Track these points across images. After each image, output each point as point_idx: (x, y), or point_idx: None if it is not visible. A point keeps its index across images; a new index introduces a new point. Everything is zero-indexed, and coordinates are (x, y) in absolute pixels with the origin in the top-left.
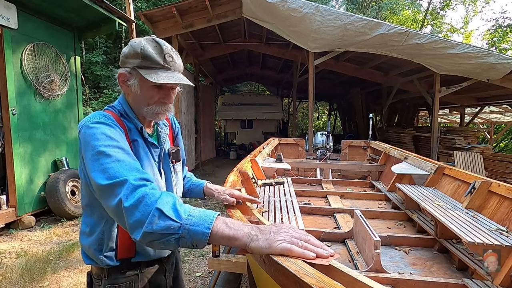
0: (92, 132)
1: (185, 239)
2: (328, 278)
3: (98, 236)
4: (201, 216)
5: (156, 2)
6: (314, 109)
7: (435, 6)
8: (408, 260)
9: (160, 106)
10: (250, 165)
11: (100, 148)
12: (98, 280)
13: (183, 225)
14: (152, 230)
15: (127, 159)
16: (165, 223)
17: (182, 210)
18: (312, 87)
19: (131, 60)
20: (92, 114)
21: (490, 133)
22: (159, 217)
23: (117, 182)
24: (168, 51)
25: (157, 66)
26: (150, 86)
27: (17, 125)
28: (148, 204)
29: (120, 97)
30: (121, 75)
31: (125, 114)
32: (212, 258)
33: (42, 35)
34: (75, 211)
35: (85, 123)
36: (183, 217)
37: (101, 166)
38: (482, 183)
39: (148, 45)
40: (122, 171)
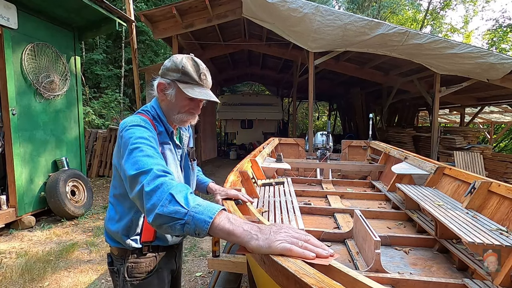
0: (132, 132)
1: (189, 225)
2: (328, 278)
3: (127, 223)
4: (207, 207)
5: (156, 2)
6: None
7: (435, 6)
8: (408, 260)
9: (188, 115)
10: (250, 165)
11: (135, 144)
12: (121, 260)
13: (189, 212)
14: (163, 212)
15: (156, 155)
16: (174, 207)
17: (192, 199)
18: (312, 87)
19: (171, 73)
20: (133, 117)
21: (490, 133)
22: (170, 201)
23: (143, 171)
24: (203, 70)
25: (194, 82)
26: (184, 98)
27: (17, 125)
28: (164, 190)
29: (154, 102)
30: (161, 84)
31: (157, 117)
32: (212, 258)
33: (42, 35)
34: (75, 211)
35: (127, 125)
36: (191, 205)
37: (133, 159)
38: (482, 183)
39: (188, 63)
40: (149, 163)
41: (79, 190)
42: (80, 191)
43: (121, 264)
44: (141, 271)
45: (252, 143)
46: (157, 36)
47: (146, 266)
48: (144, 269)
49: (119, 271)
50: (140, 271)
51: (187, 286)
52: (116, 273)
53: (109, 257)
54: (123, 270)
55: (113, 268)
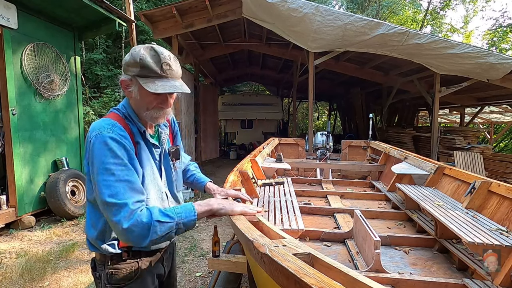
0: (101, 146)
1: (180, 229)
2: (328, 278)
3: (101, 227)
4: (185, 210)
5: (156, 2)
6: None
7: (435, 6)
8: (408, 260)
9: (158, 111)
10: (250, 165)
11: (106, 165)
12: (101, 266)
13: (177, 221)
14: (157, 236)
15: (129, 177)
16: (165, 227)
17: (170, 212)
18: (312, 87)
19: (131, 68)
20: (102, 124)
21: (490, 133)
22: (160, 225)
23: (118, 204)
24: (165, 60)
25: (154, 75)
26: (148, 93)
27: (17, 125)
28: (144, 222)
29: (125, 100)
30: (123, 81)
31: (129, 117)
32: (212, 258)
33: (42, 35)
34: (75, 211)
35: (96, 135)
36: (174, 217)
37: (106, 182)
38: (482, 183)
39: (147, 54)
40: (123, 192)
41: (79, 190)
42: (80, 191)
43: (102, 270)
44: (122, 278)
45: (252, 143)
46: (157, 36)
47: (126, 272)
48: (124, 276)
49: (101, 276)
50: (120, 278)
51: (187, 286)
52: (99, 279)
53: (92, 262)
54: (103, 276)
55: (96, 273)
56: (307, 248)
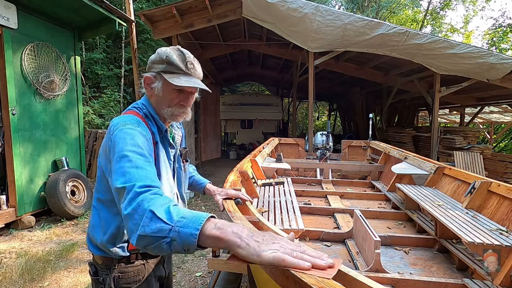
0: (123, 136)
1: (176, 242)
2: None
3: (113, 231)
4: (192, 218)
5: (156, 2)
6: (314, 109)
7: (435, 6)
8: (408, 260)
9: (179, 108)
10: (250, 165)
11: (125, 151)
12: (105, 270)
13: (174, 227)
14: (145, 233)
15: (145, 166)
16: (156, 226)
17: (175, 212)
18: (312, 87)
19: (156, 66)
20: (125, 117)
21: (490, 133)
22: (151, 219)
23: (127, 187)
24: (190, 59)
25: (180, 71)
26: (171, 89)
27: (17, 125)
28: (144, 208)
29: (144, 99)
30: (147, 78)
31: (149, 115)
32: (212, 258)
33: (42, 35)
34: (75, 211)
35: (119, 126)
36: (175, 219)
37: (121, 169)
38: (482, 183)
39: (173, 53)
40: (135, 177)
41: (79, 190)
42: (80, 191)
43: (107, 274)
44: (129, 281)
45: (252, 143)
46: (157, 36)
47: (134, 275)
48: (132, 278)
49: (104, 281)
50: (128, 281)
51: (187, 286)
52: (102, 284)
53: (93, 267)
54: (108, 280)
55: (98, 278)
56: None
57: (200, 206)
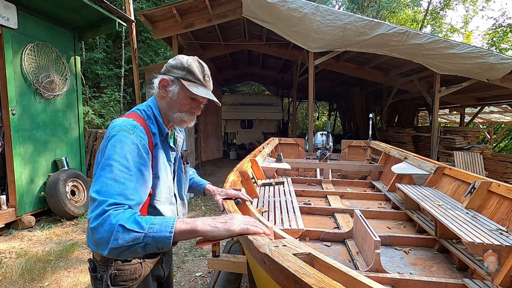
0: (115, 143)
1: (150, 245)
2: (328, 278)
3: None
4: (162, 223)
5: (156, 2)
6: (314, 109)
7: (435, 6)
8: (408, 260)
9: (189, 115)
10: (250, 165)
11: (110, 160)
12: (103, 267)
13: (147, 234)
14: (118, 245)
15: (124, 180)
16: (129, 236)
17: (143, 221)
18: (312, 87)
19: (176, 71)
20: (123, 122)
21: (490, 133)
22: (123, 231)
23: (97, 200)
24: (207, 72)
25: (198, 81)
26: (186, 96)
27: (17, 125)
28: (111, 223)
29: (151, 101)
30: (164, 80)
31: (153, 117)
32: (212, 258)
33: (42, 35)
34: (75, 211)
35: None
36: (145, 227)
37: (101, 178)
38: (482, 183)
39: (193, 63)
40: (110, 191)
41: (79, 190)
42: (80, 191)
43: (104, 271)
44: (125, 279)
45: (252, 143)
46: (157, 36)
47: (130, 273)
48: (129, 276)
49: (102, 278)
50: (124, 279)
51: (187, 286)
52: (99, 280)
53: (92, 263)
54: (106, 277)
55: (96, 275)
56: (307, 248)
57: (200, 206)
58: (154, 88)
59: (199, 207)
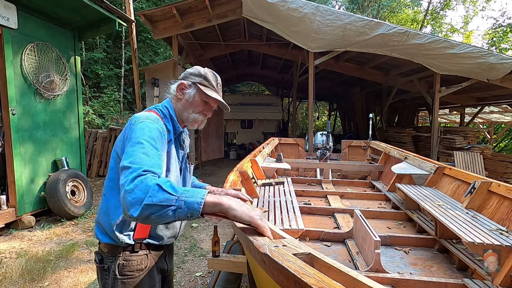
0: (142, 127)
1: (181, 209)
2: (328, 278)
3: (120, 217)
4: (195, 191)
5: (156, 2)
6: (314, 109)
7: (435, 6)
8: (408, 260)
9: (201, 116)
10: (250, 165)
11: (140, 139)
12: (111, 257)
13: (180, 197)
14: (152, 202)
15: (154, 156)
16: (163, 196)
17: (177, 187)
18: (312, 87)
19: (193, 77)
20: (147, 113)
21: (490, 133)
22: (158, 190)
23: (132, 168)
24: (219, 81)
25: (212, 87)
26: (201, 99)
27: (17, 125)
28: (147, 184)
29: (167, 102)
30: (182, 83)
31: (168, 116)
32: (212, 258)
33: (42, 35)
34: (75, 211)
35: (140, 119)
36: (179, 191)
37: (133, 152)
38: (482, 183)
39: (209, 73)
40: (142, 161)
41: (79, 190)
42: (80, 191)
43: (112, 262)
44: (132, 269)
45: (252, 143)
46: (157, 36)
47: (137, 264)
48: (136, 267)
49: (109, 268)
50: (131, 269)
51: (187, 286)
52: (106, 271)
53: (99, 255)
54: (113, 267)
55: (104, 265)
56: (307, 248)
57: None
58: (170, 91)
59: None
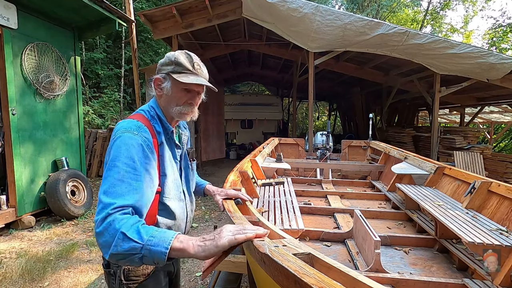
0: (119, 144)
1: (147, 257)
2: (328, 278)
3: None
4: (161, 237)
5: (156, 2)
6: (314, 109)
7: (435, 6)
8: (408, 260)
9: (187, 107)
10: (250, 165)
11: (116, 161)
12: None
13: (145, 246)
14: (117, 252)
15: (130, 180)
16: (128, 245)
17: (144, 232)
18: (312, 87)
19: (165, 67)
20: (128, 124)
21: (490, 133)
22: (123, 239)
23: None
24: (196, 60)
25: (187, 71)
26: (180, 89)
27: (17, 125)
28: (115, 228)
29: (152, 101)
30: (157, 79)
31: (156, 117)
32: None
33: (42, 35)
34: (75, 211)
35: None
36: (145, 238)
37: (108, 178)
38: (482, 183)
39: (180, 55)
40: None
41: (79, 190)
42: (80, 191)
43: (118, 267)
44: (138, 274)
45: (252, 143)
46: (157, 36)
47: (143, 268)
48: (141, 271)
49: (115, 273)
50: (137, 274)
51: (187, 286)
52: (113, 276)
53: (105, 260)
54: (119, 272)
55: (110, 270)
56: (307, 248)
57: (200, 206)
58: (152, 89)
59: (199, 207)
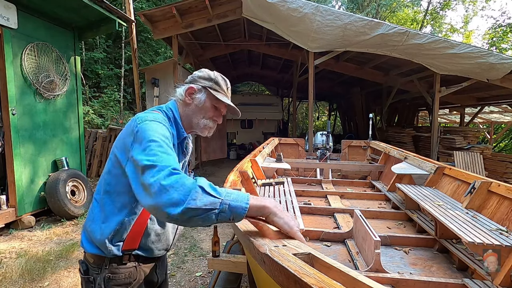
0: (153, 126)
1: (224, 214)
2: (328, 278)
3: (114, 226)
4: (239, 194)
5: (156, 2)
6: (314, 109)
7: (435, 6)
8: (408, 260)
9: (212, 122)
10: (250, 165)
11: (155, 138)
12: (97, 269)
13: (224, 200)
14: (195, 206)
15: (174, 155)
16: (207, 199)
17: (219, 189)
18: (312, 87)
19: (203, 81)
20: (153, 113)
21: (490, 133)
22: (202, 193)
23: (159, 166)
24: (229, 85)
25: (222, 92)
26: (211, 105)
27: (17, 125)
28: (185, 184)
29: (172, 104)
30: (191, 88)
31: (173, 119)
32: (212, 258)
33: (42, 35)
34: (75, 211)
35: (146, 118)
36: (223, 194)
37: (151, 151)
38: (482, 183)
39: (218, 76)
40: (168, 161)
41: (79, 190)
42: (80, 191)
43: (98, 274)
44: (119, 283)
45: (252, 143)
46: (157, 36)
47: (125, 277)
48: (123, 280)
49: (95, 280)
50: (118, 283)
51: (187, 286)
52: (92, 283)
53: (84, 265)
54: (99, 280)
55: (89, 277)
56: (307, 248)
57: None
58: (176, 94)
59: None
